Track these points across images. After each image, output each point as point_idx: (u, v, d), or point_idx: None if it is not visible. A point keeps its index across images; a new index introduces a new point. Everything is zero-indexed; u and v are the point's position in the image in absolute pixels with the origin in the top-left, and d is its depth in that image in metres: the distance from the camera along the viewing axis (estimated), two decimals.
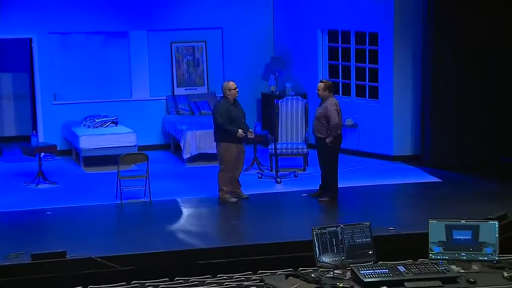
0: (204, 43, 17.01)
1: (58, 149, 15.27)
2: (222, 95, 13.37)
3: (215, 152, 13.45)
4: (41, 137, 15.82)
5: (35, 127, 16.41)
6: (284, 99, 15.37)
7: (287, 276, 7.69)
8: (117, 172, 13.28)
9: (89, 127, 15.79)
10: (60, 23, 16.17)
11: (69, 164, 15.67)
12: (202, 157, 15.20)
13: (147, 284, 9.54)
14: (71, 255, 10.84)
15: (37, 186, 14.22)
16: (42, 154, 14.61)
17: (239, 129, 12.94)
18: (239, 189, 13.35)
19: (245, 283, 9.13)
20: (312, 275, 7.66)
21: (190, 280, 9.62)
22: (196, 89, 17.01)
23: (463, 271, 7.81)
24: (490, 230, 8.06)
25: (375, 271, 7.63)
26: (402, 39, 15.34)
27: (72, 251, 10.88)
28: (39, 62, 16.22)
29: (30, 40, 16.21)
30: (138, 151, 14.73)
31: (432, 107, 15.04)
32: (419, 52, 15.24)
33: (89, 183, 14.47)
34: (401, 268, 7.70)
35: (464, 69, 14.87)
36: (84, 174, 15.06)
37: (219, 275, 9.91)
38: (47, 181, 14.33)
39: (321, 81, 13.41)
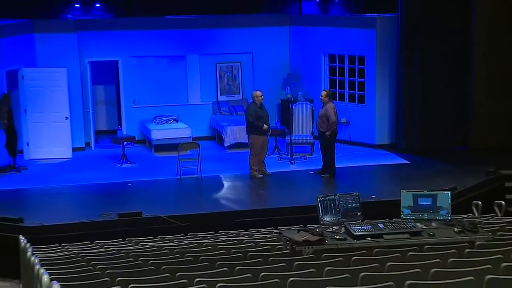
0: (239, 63, 17.00)
1: (136, 139, 15.40)
2: (252, 100, 13.39)
3: (247, 141, 13.48)
4: (124, 130, 15.90)
5: (120, 123, 16.48)
6: (297, 103, 15.33)
7: (298, 230, 7.69)
8: (178, 156, 13.34)
9: (158, 123, 15.86)
10: (137, 49, 16.23)
11: (144, 150, 15.74)
12: (238, 145, 15.19)
13: (199, 235, 9.58)
14: (146, 214, 10.91)
15: (122, 165, 14.32)
16: (125, 142, 14.71)
17: (264, 124, 12.97)
18: (265, 168, 13.36)
19: (269, 235, 9.15)
20: (317, 229, 7.66)
21: (230, 233, 9.65)
22: (233, 96, 17.00)
23: (425, 227, 7.79)
24: (444, 198, 8.02)
25: (362, 227, 7.63)
26: (382, 61, 15.25)
27: (146, 212, 10.96)
28: (123, 77, 16.29)
29: (117, 61, 16.28)
30: (192, 141, 14.77)
31: (403, 110, 14.96)
32: (394, 70, 15.15)
33: (158, 163, 14.53)
34: (381, 225, 7.69)
35: (426, 82, 14.83)
36: (154, 157, 15.11)
37: (250, 229, 9.94)
38: (128, 162, 14.43)
39: (323, 91, 13.40)
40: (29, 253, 8.06)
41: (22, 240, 9.57)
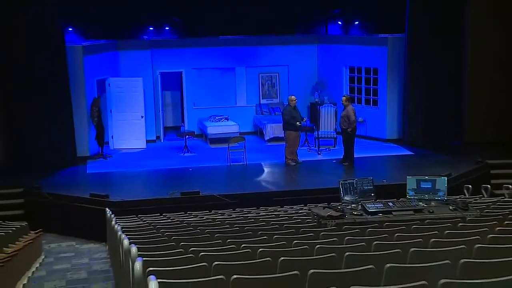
0: (277, 74, 16.96)
1: (195, 133, 15.50)
2: (288, 103, 13.37)
3: (283, 136, 13.47)
4: (186, 127, 16.05)
5: (183, 121, 16.64)
6: (323, 106, 15.24)
7: (324, 207, 7.69)
8: (228, 147, 13.41)
9: (212, 121, 15.94)
10: (197, 63, 16.31)
11: (201, 142, 15.81)
12: (276, 139, 15.18)
13: (244, 210, 9.63)
14: (203, 193, 11.02)
15: (184, 155, 14.44)
16: (187, 136, 14.83)
17: (297, 122, 12.94)
18: (297, 157, 13.34)
19: (300, 211, 9.15)
20: (338, 207, 7.65)
21: (268, 209, 9.69)
22: (272, 100, 16.97)
23: (426, 205, 7.70)
24: (442, 182, 7.93)
25: (375, 205, 7.59)
26: (392, 72, 15.07)
27: (203, 191, 11.07)
28: (185, 84, 16.40)
29: (181, 72, 16.40)
30: (239, 135, 14.82)
31: (409, 110, 14.76)
32: (402, 79, 14.94)
33: (212, 153, 14.60)
34: (390, 204, 7.64)
35: (427, 88, 14.59)
36: (210, 148, 15.19)
37: (285, 206, 9.96)
38: (189, 152, 14.54)
39: (344, 96, 13.30)
40: (113, 222, 8.22)
41: (108, 212, 9.78)
